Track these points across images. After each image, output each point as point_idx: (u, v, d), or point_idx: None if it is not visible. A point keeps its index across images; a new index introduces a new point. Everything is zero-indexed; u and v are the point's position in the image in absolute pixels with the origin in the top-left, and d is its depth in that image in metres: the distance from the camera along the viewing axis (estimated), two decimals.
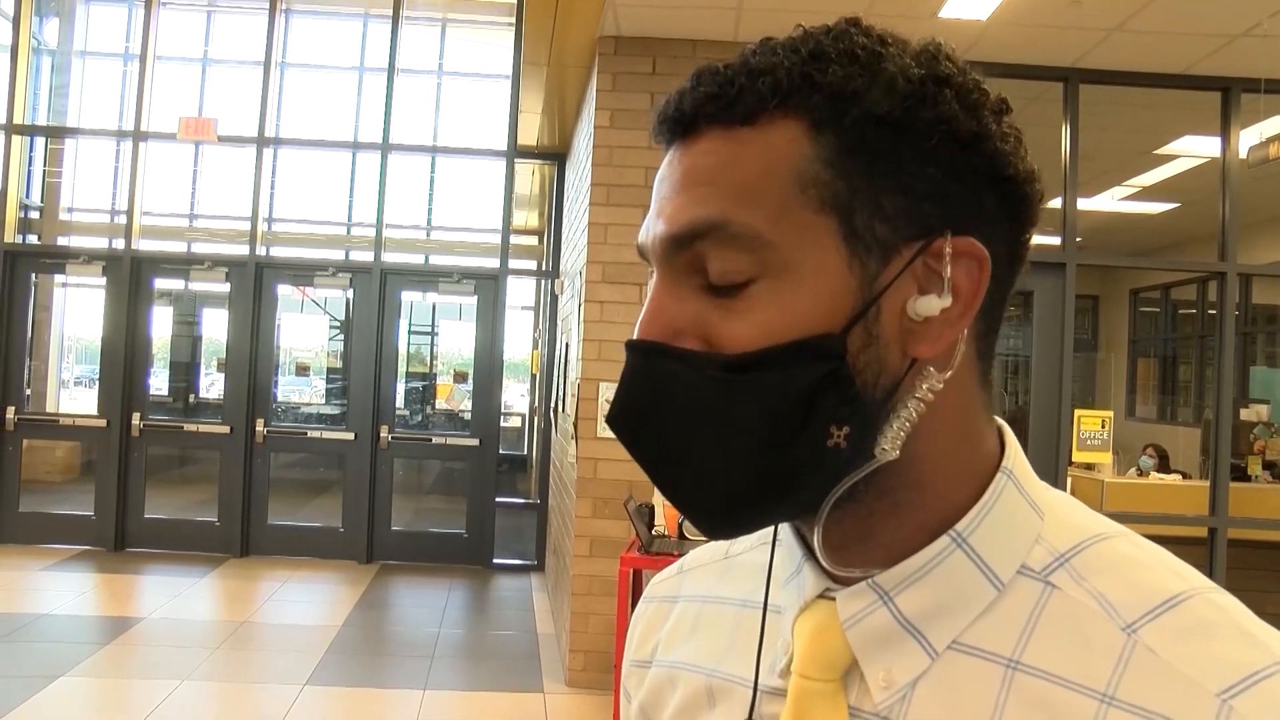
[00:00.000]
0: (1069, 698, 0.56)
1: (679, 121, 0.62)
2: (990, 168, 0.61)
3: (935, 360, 0.60)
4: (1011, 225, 0.63)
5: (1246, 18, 4.68)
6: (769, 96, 0.59)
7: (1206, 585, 0.59)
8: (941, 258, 0.59)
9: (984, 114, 0.61)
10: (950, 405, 0.61)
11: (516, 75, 7.62)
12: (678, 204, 0.61)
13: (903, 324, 0.60)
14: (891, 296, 0.59)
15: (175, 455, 8.84)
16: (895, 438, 0.59)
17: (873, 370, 0.59)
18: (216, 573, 7.54)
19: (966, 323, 0.61)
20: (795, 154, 0.59)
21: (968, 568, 0.61)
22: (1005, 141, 0.61)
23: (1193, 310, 11.46)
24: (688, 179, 0.61)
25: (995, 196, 0.61)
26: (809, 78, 0.59)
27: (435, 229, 9.99)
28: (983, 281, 0.60)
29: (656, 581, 0.84)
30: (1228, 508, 5.48)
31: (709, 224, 0.59)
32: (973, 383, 0.64)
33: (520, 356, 11.75)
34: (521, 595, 7.48)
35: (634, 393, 0.62)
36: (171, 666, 5.33)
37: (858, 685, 0.62)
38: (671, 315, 0.61)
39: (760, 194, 0.59)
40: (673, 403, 0.60)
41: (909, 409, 0.60)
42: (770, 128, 0.59)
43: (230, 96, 9.04)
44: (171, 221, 9.72)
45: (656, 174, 0.65)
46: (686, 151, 0.62)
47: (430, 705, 5.06)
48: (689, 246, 0.60)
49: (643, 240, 0.65)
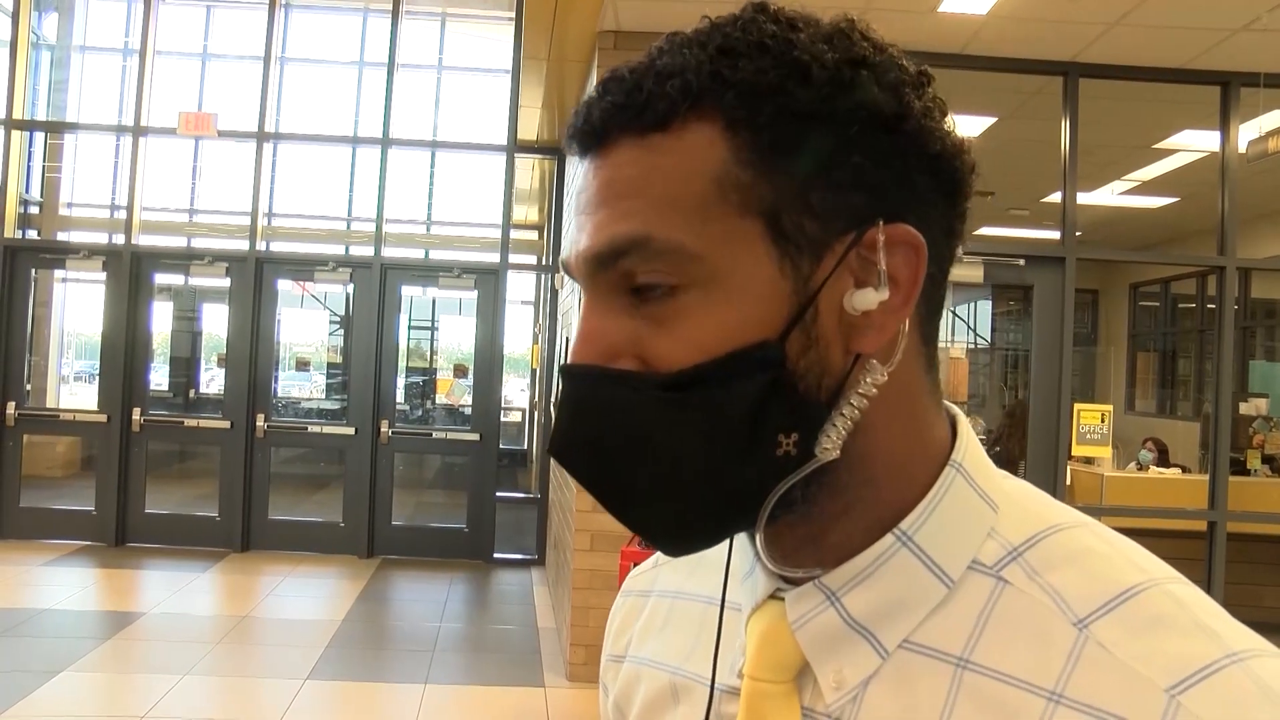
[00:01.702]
0: (1017, 696, 0.55)
1: (590, 134, 0.60)
2: (917, 146, 0.58)
3: (878, 353, 0.58)
4: (946, 201, 0.60)
5: (1246, 12, 4.68)
6: (679, 100, 0.56)
7: (1167, 576, 0.57)
8: (875, 248, 0.57)
9: (905, 91, 0.58)
10: (897, 396, 0.59)
11: (516, 70, 7.62)
12: (598, 220, 0.59)
13: (842, 320, 0.58)
14: (828, 294, 0.57)
15: (176, 450, 8.84)
16: (837, 436, 0.57)
17: (815, 372, 0.57)
18: (217, 568, 7.55)
19: (908, 311, 0.58)
20: (712, 158, 0.56)
21: (914, 566, 0.59)
22: (929, 117, 0.59)
23: (1192, 304, 11.47)
24: (606, 193, 0.59)
25: (925, 175, 0.59)
26: (719, 75, 0.56)
27: (435, 224, 10.00)
28: (920, 267, 0.58)
29: (633, 575, 0.83)
30: (1227, 501, 5.49)
31: (630, 240, 0.57)
32: (918, 370, 0.61)
33: (520, 351, 11.75)
34: (522, 589, 7.50)
35: (575, 421, 0.60)
36: (173, 661, 5.34)
37: (811, 686, 0.61)
38: (605, 336, 0.59)
39: (680, 203, 0.56)
40: (616, 427, 0.58)
41: (852, 405, 0.57)
42: (684, 132, 0.57)
43: (230, 91, 9.04)
44: (172, 217, 9.72)
45: (574, 188, 0.62)
46: (603, 164, 0.59)
47: (431, 699, 5.07)
48: (613, 264, 0.58)
49: (566, 257, 0.62)
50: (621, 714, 0.77)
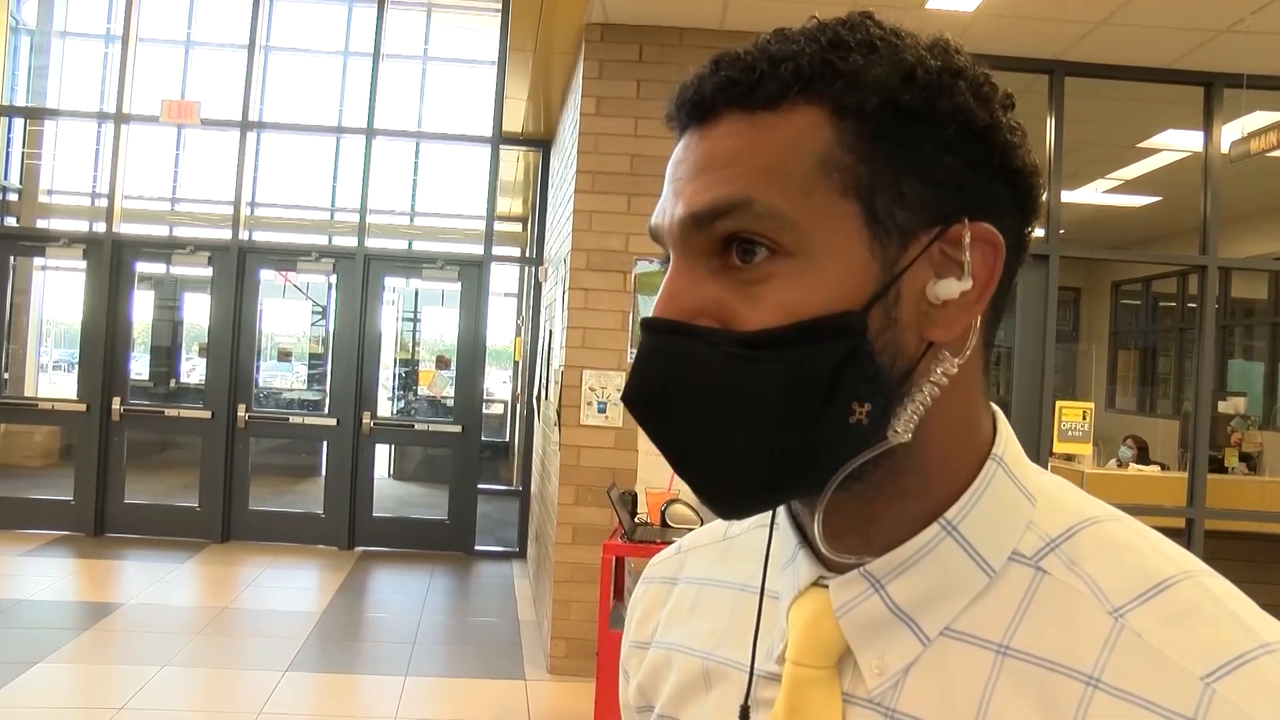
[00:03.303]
0: (1056, 680, 0.57)
1: (699, 105, 0.62)
2: (1002, 159, 0.62)
3: (950, 344, 0.61)
4: (1020, 215, 0.64)
5: (1229, 14, 4.71)
6: (791, 82, 0.60)
7: (1198, 568, 0.60)
8: (959, 243, 0.60)
9: (995, 106, 0.62)
10: (958, 390, 0.62)
11: (502, 61, 7.59)
12: (698, 185, 0.61)
13: (920, 308, 0.60)
14: (909, 281, 0.60)
15: (156, 440, 8.79)
16: (909, 420, 0.60)
17: (890, 352, 0.59)
18: (197, 558, 7.52)
19: (981, 307, 0.62)
20: (819, 139, 0.60)
21: (958, 555, 0.61)
22: (1014, 134, 0.62)
23: (1173, 303, 11.54)
24: (708, 161, 0.61)
25: (1006, 187, 0.62)
26: (831, 65, 0.60)
27: (419, 215, 9.96)
28: (998, 267, 0.61)
29: (655, 562, 0.84)
30: (1205, 499, 5.53)
31: (733, 203, 0.59)
32: (979, 369, 0.64)
33: (503, 343, 11.73)
34: (503, 582, 7.49)
35: (651, 372, 0.62)
36: (152, 652, 5.31)
37: (851, 672, 0.63)
38: (689, 296, 0.61)
39: (785, 176, 0.59)
40: (692, 381, 0.60)
41: (924, 392, 0.60)
42: (792, 113, 0.60)
43: (214, 79, 8.97)
44: (154, 205, 9.65)
45: (671, 158, 0.65)
46: (705, 135, 0.62)
47: (411, 692, 5.06)
48: (709, 226, 0.61)
49: (657, 222, 0.64)
50: (646, 699, 0.78)
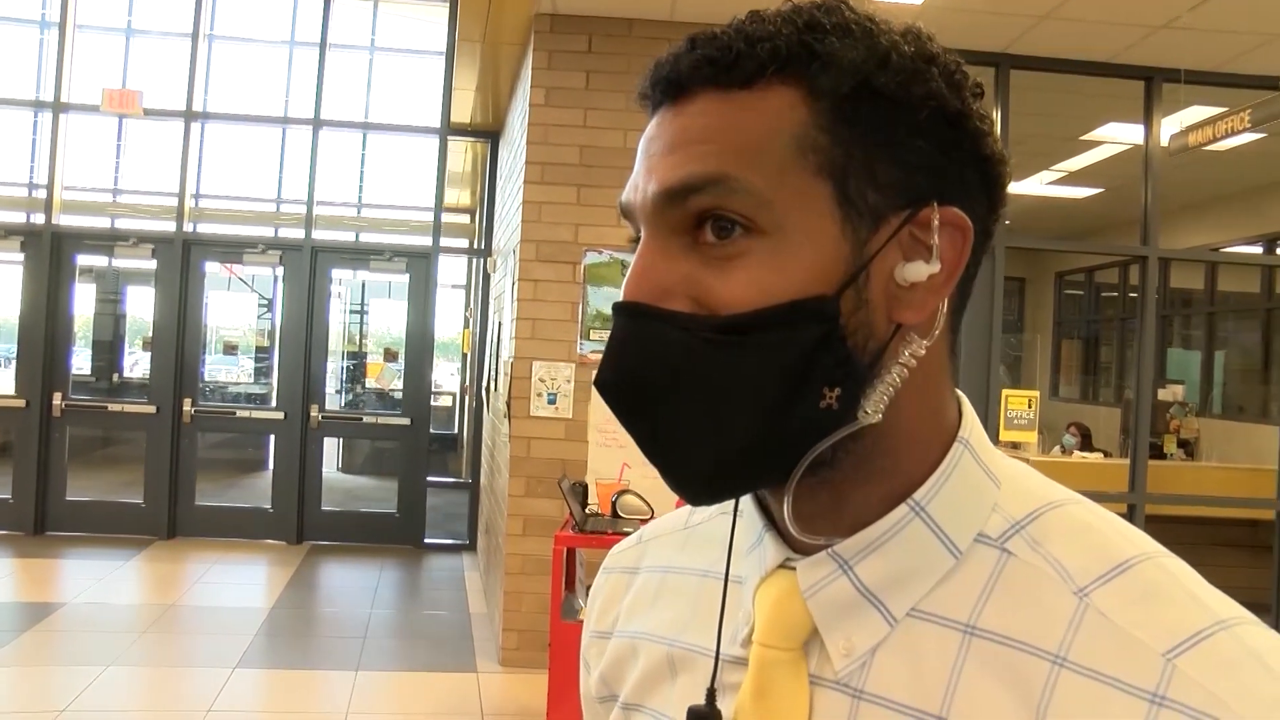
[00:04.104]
0: (1024, 659, 0.58)
1: (674, 82, 0.63)
2: (973, 145, 0.63)
3: (918, 327, 0.62)
4: (987, 202, 0.65)
5: (1168, 10, 4.80)
6: (768, 63, 0.60)
7: (1156, 550, 0.61)
8: (929, 226, 0.61)
9: (965, 94, 0.63)
10: (925, 373, 0.63)
11: (451, 52, 7.53)
12: (673, 161, 0.61)
13: (889, 290, 0.61)
14: (879, 263, 0.61)
15: (99, 436, 8.64)
16: (879, 401, 0.60)
17: (861, 334, 0.60)
18: (142, 555, 7.40)
19: (949, 290, 0.62)
20: (794, 119, 0.60)
21: (926, 536, 0.62)
22: (983, 122, 0.63)
23: (1115, 293, 11.75)
24: (683, 137, 0.62)
25: (975, 174, 0.63)
26: (808, 47, 0.60)
27: (367, 206, 9.85)
28: (965, 250, 0.62)
29: (616, 552, 0.84)
30: (1146, 484, 5.65)
31: (708, 179, 0.60)
32: (945, 352, 0.65)
33: (450, 335, 11.66)
34: (454, 575, 7.46)
35: (624, 356, 0.62)
36: (96, 652, 5.22)
37: (818, 653, 0.63)
38: (660, 274, 0.61)
39: (760, 155, 0.60)
40: (665, 366, 0.60)
41: (893, 374, 0.61)
42: (768, 93, 0.60)
43: (156, 69, 8.79)
44: (95, 196, 9.45)
45: (644, 135, 0.65)
46: (680, 113, 0.62)
47: (363, 686, 5.03)
48: (683, 202, 0.61)
49: (629, 199, 0.64)
50: (609, 688, 0.78)
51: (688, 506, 0.80)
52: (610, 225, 5.34)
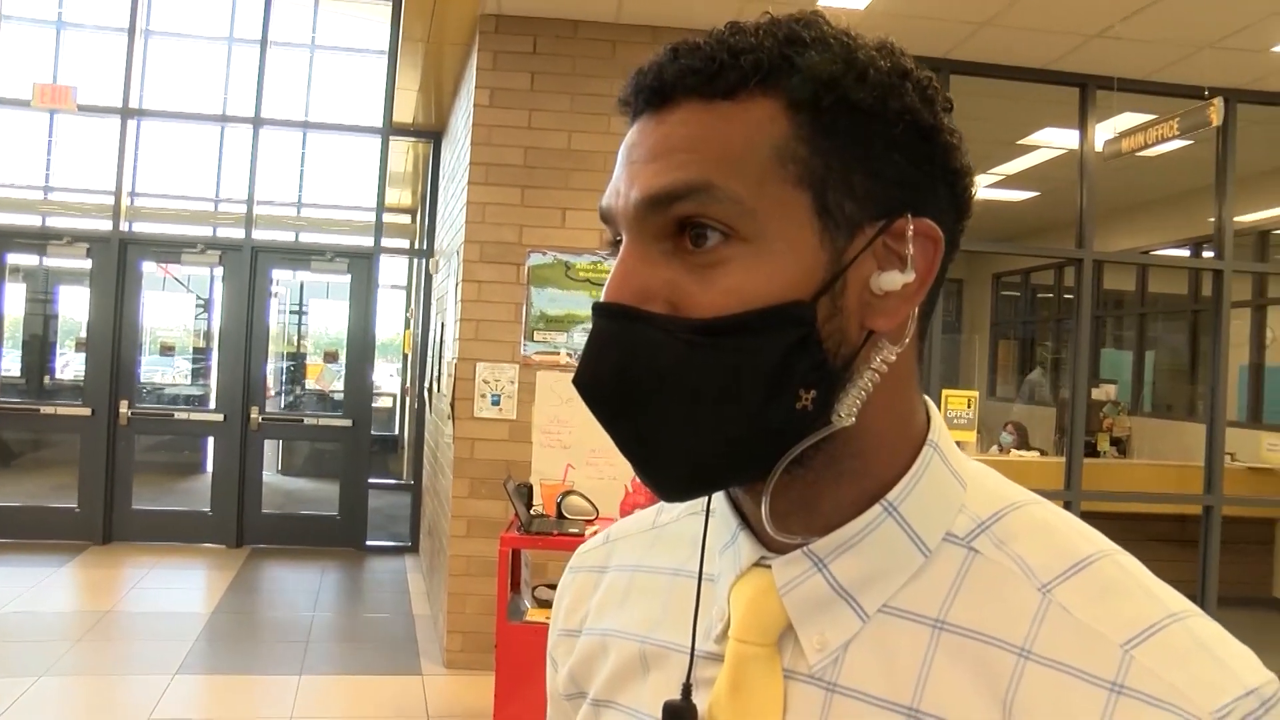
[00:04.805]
0: (991, 652, 0.61)
1: (657, 91, 0.64)
2: (944, 159, 0.65)
3: (890, 333, 0.64)
4: (955, 214, 0.67)
5: (1101, 20, 4.92)
6: (751, 74, 0.62)
7: (1111, 548, 0.65)
8: (903, 237, 0.63)
9: (938, 109, 0.65)
10: (896, 378, 0.65)
11: (394, 51, 7.47)
12: (655, 168, 0.63)
13: (862, 297, 0.63)
14: (855, 271, 0.63)
15: (29, 439, 8.44)
16: (852, 405, 0.63)
17: (835, 339, 0.62)
18: (77, 561, 7.24)
19: (920, 298, 0.65)
20: (775, 131, 0.62)
21: (898, 536, 0.65)
22: (954, 136, 0.66)
23: (1050, 294, 11.98)
24: (665, 145, 0.63)
25: (945, 187, 0.66)
26: (789, 60, 0.62)
27: (307, 206, 9.72)
28: (937, 260, 0.65)
29: (582, 552, 0.85)
30: (1081, 482, 5.77)
31: (692, 186, 0.61)
32: (914, 358, 0.67)
33: (391, 336, 11.56)
34: (396, 577, 7.41)
35: (603, 357, 0.63)
36: (28, 662, 5.10)
37: (792, 648, 0.65)
38: (641, 278, 0.63)
39: (742, 164, 0.61)
40: (645, 366, 0.62)
41: (865, 379, 0.63)
42: (750, 104, 0.62)
43: (91, 64, 8.60)
44: (26, 194, 9.23)
45: (624, 142, 0.66)
46: (662, 121, 0.64)
47: (307, 690, 4.98)
48: (666, 209, 0.62)
49: (609, 204, 0.66)
50: (578, 686, 0.79)
51: (654, 506, 0.82)
52: (554, 226, 5.34)
